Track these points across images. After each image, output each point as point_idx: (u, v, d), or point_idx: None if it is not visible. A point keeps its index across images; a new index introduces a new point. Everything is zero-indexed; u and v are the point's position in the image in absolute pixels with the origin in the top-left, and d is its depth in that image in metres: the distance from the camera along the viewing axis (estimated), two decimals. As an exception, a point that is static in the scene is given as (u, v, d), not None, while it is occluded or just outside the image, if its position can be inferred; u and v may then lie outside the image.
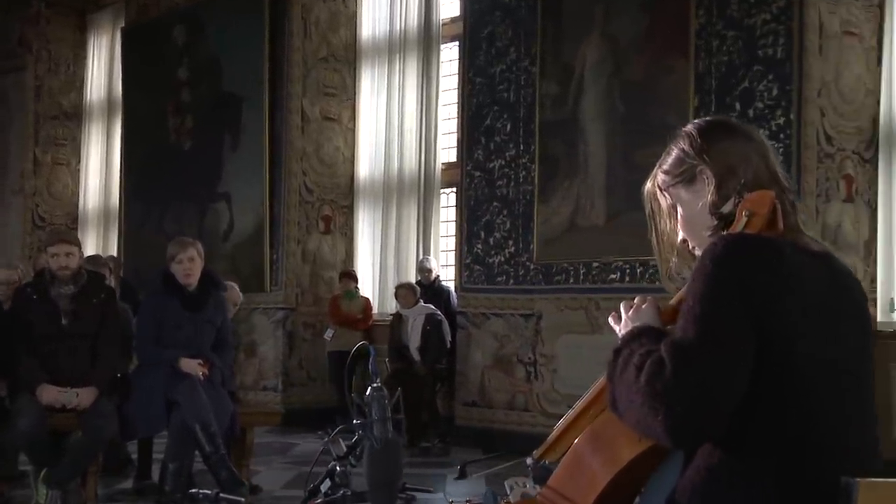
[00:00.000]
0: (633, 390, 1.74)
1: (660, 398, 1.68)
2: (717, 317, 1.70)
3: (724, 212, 1.89)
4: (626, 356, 1.84)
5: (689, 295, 1.76)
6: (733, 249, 1.75)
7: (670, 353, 1.70)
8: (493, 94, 9.21)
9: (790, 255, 1.77)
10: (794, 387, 1.72)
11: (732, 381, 1.69)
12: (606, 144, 8.36)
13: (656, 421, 1.69)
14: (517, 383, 8.96)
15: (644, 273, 8.12)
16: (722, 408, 1.68)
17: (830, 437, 1.73)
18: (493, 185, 9.17)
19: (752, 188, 1.87)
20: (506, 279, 9.07)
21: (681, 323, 1.75)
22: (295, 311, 10.94)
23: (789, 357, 1.72)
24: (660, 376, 1.69)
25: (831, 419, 1.73)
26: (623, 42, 8.29)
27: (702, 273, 1.75)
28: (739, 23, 7.63)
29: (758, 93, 7.51)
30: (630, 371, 1.77)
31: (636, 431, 1.79)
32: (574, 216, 8.56)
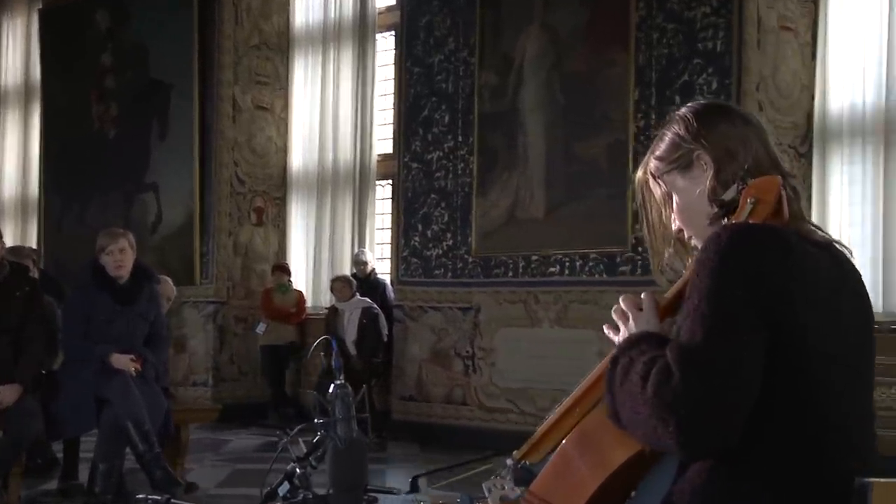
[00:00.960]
0: (639, 401, 1.62)
1: (669, 408, 1.57)
2: (725, 315, 1.59)
3: (726, 199, 1.77)
4: (625, 364, 1.72)
5: (693, 292, 1.64)
6: (739, 240, 1.64)
7: (677, 359, 1.58)
8: (431, 84, 9.09)
9: (797, 245, 1.67)
10: (804, 383, 1.63)
11: (747, 384, 1.58)
12: (546, 136, 8.30)
13: (667, 433, 1.57)
14: (455, 377, 8.87)
15: (584, 266, 8.09)
16: (738, 413, 1.58)
17: (838, 435, 1.64)
18: (430, 177, 9.06)
19: (753, 174, 1.77)
20: (444, 272, 8.97)
21: (686, 324, 1.63)
22: (226, 304, 10.71)
23: (798, 353, 1.62)
24: (667, 385, 1.57)
25: (838, 416, 1.65)
26: (563, 34, 8.23)
27: (706, 267, 1.63)
28: (679, 16, 7.62)
29: (697, 86, 7.51)
30: (633, 381, 1.65)
31: (645, 443, 1.69)
32: (513, 209, 8.49)
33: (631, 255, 7.80)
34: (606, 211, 7.90)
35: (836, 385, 1.65)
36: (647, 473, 1.78)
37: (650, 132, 7.72)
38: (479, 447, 8.33)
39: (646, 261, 7.73)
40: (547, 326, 8.30)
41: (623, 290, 7.27)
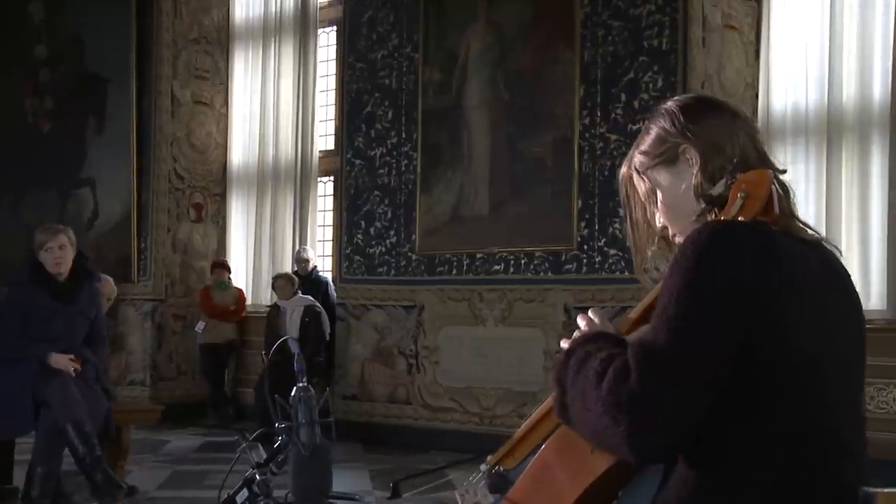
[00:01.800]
0: (592, 398, 1.55)
1: (623, 408, 1.50)
2: (695, 319, 1.52)
3: (714, 194, 1.70)
4: (580, 358, 1.64)
5: (664, 291, 1.56)
6: (719, 239, 1.56)
7: (637, 358, 1.51)
8: (373, 80, 9.00)
9: (784, 244, 1.60)
10: (793, 389, 1.56)
11: (705, 392, 1.51)
12: (491, 133, 8.26)
13: (617, 432, 1.51)
14: (398, 376, 8.80)
15: (528, 264, 8.07)
16: (689, 422, 1.52)
17: (830, 441, 1.58)
18: (373, 174, 8.97)
19: (741, 169, 1.70)
20: (387, 270, 8.89)
21: (653, 322, 1.56)
22: (164, 302, 10.51)
23: (784, 357, 1.55)
24: (624, 384, 1.50)
25: (830, 421, 1.59)
26: (508, 30, 8.20)
27: (681, 266, 1.55)
28: (625, 13, 7.63)
29: (643, 84, 7.52)
30: (588, 375, 1.58)
31: (591, 441, 1.62)
32: (457, 206, 8.44)
33: (576, 253, 7.79)
34: (552, 209, 7.88)
35: (828, 389, 1.59)
36: (630, 482, 1.71)
37: (595, 130, 7.73)
38: (423, 447, 8.29)
39: (591, 259, 7.74)
40: (491, 325, 8.26)
41: (568, 289, 7.30)
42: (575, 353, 1.67)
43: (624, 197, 1.90)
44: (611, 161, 7.64)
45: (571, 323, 7.80)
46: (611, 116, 7.66)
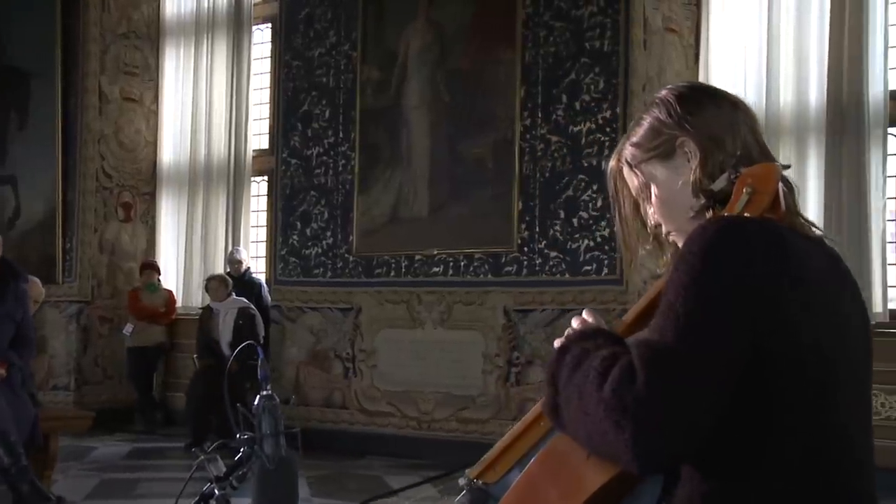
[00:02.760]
0: (593, 400, 1.43)
1: (628, 412, 1.38)
2: (704, 318, 1.41)
3: (716, 189, 1.59)
4: (577, 355, 1.52)
5: (670, 288, 1.45)
6: (727, 235, 1.46)
7: (644, 359, 1.40)
8: (310, 78, 8.84)
9: (793, 242, 1.50)
10: (805, 395, 1.46)
11: (716, 397, 1.40)
12: (431, 134, 8.16)
13: (620, 439, 1.39)
14: (334, 380, 8.64)
15: (468, 266, 7.98)
16: (701, 428, 1.40)
17: (843, 451, 1.49)
18: (310, 174, 8.80)
19: (745, 163, 1.59)
20: (323, 271, 8.72)
21: (658, 322, 1.44)
22: (90, 304, 10.20)
23: (797, 361, 1.45)
24: (630, 386, 1.38)
25: (845, 430, 1.50)
26: (449, 29, 8.10)
27: (686, 262, 1.45)
28: (567, 14, 7.58)
29: (584, 85, 7.48)
30: (588, 375, 1.46)
31: (586, 447, 1.49)
32: (396, 207, 8.32)
33: (517, 255, 7.72)
34: (492, 210, 7.81)
35: (840, 394, 1.50)
36: (626, 498, 1.57)
37: (536, 131, 7.67)
38: (360, 452, 8.15)
39: (531, 261, 7.67)
40: (430, 328, 8.15)
41: (508, 291, 7.21)
42: (570, 350, 1.54)
43: (613, 191, 1.78)
44: (552, 163, 7.59)
45: (511, 325, 7.73)
46: (552, 118, 7.60)
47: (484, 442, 7.86)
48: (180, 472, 8.07)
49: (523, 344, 7.67)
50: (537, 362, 7.60)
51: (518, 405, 7.69)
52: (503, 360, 7.77)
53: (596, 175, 7.39)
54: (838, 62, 7.10)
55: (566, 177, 7.52)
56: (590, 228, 7.41)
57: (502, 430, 7.21)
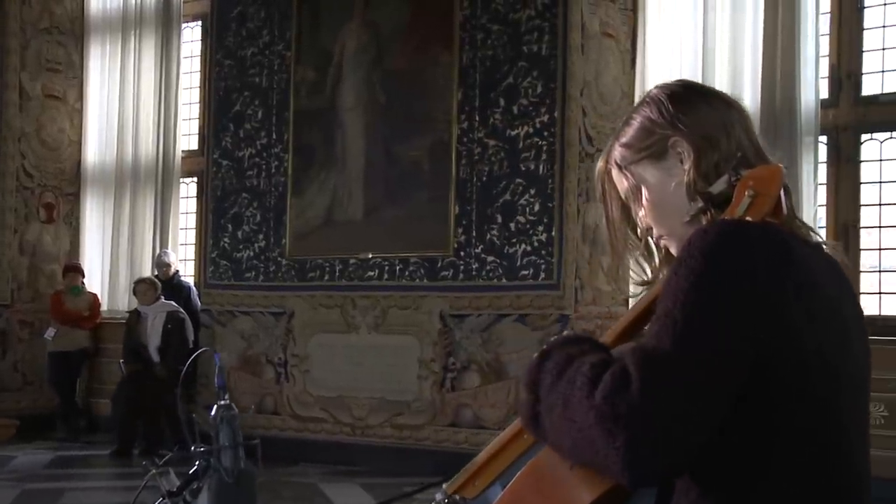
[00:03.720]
0: (581, 407, 1.34)
1: (621, 421, 1.30)
2: (704, 324, 1.34)
3: (714, 192, 1.53)
4: (559, 361, 1.43)
5: (667, 293, 1.38)
6: (730, 239, 1.39)
7: (639, 366, 1.32)
8: (243, 78, 8.67)
9: (796, 247, 1.45)
10: (809, 407, 1.40)
11: (715, 409, 1.33)
12: (366, 135, 8.06)
13: (611, 450, 1.30)
14: (266, 385, 8.48)
15: (403, 270, 7.89)
16: (697, 439, 1.33)
17: (845, 461, 1.44)
18: (242, 176, 8.63)
19: (743, 165, 1.53)
20: (255, 275, 8.56)
21: (654, 328, 1.37)
22: (10, 307, 9.87)
23: (799, 371, 1.39)
24: (623, 393, 1.30)
25: (845, 440, 1.45)
26: (385, 30, 8.01)
27: (686, 266, 1.38)
28: (504, 17, 7.55)
29: (522, 89, 7.45)
30: (574, 382, 1.37)
31: (571, 458, 1.40)
32: (330, 210, 8.19)
33: (453, 259, 7.66)
34: (428, 214, 7.73)
35: (843, 404, 1.45)
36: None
37: (473, 134, 7.62)
38: (292, 459, 8.00)
39: (468, 265, 7.61)
40: (364, 332, 8.04)
41: (444, 296, 7.13)
42: (552, 355, 1.46)
43: (600, 194, 1.71)
44: (489, 166, 7.54)
45: (447, 330, 7.66)
46: (489, 121, 7.56)
47: (419, 448, 7.81)
48: (106, 481, 7.85)
49: (459, 349, 7.61)
50: (473, 367, 7.55)
51: (453, 411, 7.62)
52: (438, 366, 7.70)
53: (534, 179, 7.36)
54: (772, 71, 7.17)
55: (503, 181, 7.48)
56: (527, 233, 7.38)
57: (437, 436, 7.13)
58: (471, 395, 7.57)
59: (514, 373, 7.36)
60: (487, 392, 7.49)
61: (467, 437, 7.53)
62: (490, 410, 7.46)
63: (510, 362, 7.40)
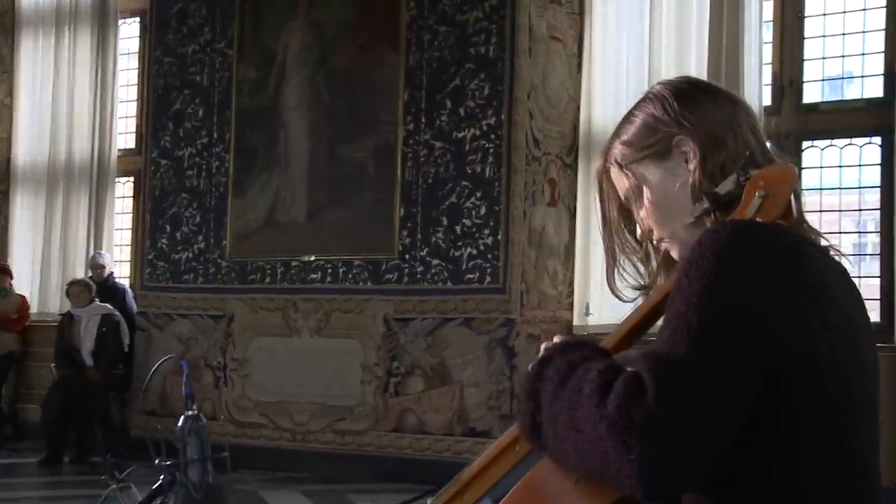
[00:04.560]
0: (591, 417, 1.26)
1: (635, 431, 1.22)
2: (720, 330, 1.28)
3: (722, 192, 1.46)
4: (562, 368, 1.36)
5: (679, 297, 1.32)
6: (743, 241, 1.33)
7: (654, 373, 1.24)
8: (183, 76, 8.49)
9: (809, 250, 1.39)
10: (822, 417, 1.35)
11: (735, 419, 1.27)
12: (310, 136, 7.93)
13: (625, 462, 1.23)
14: (204, 389, 8.29)
15: (347, 273, 7.78)
16: (714, 452, 1.26)
17: (861, 475, 1.38)
18: (181, 175, 8.44)
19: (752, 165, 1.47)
20: (194, 277, 8.38)
21: (667, 333, 1.30)
22: (-65, 309, 9.54)
23: (815, 381, 1.34)
24: (639, 402, 1.23)
25: (858, 452, 1.39)
26: (330, 30, 7.89)
27: (698, 268, 1.31)
28: (452, 19, 7.48)
29: (469, 91, 7.39)
30: (581, 390, 1.30)
31: (575, 470, 1.32)
32: (272, 211, 8.05)
33: (397, 262, 7.57)
34: (372, 216, 7.63)
35: (857, 416, 1.39)
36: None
37: (420, 136, 7.55)
38: (231, 465, 7.83)
39: (412, 268, 7.53)
40: (307, 336, 7.91)
41: (389, 299, 7.03)
42: (553, 361, 1.38)
43: (599, 193, 1.63)
44: (435, 168, 7.47)
45: (391, 334, 7.57)
46: (435, 123, 7.48)
47: (362, 454, 7.70)
48: (34, 491, 7.62)
49: (403, 353, 7.52)
50: (417, 372, 7.47)
51: (397, 416, 7.53)
52: (382, 370, 7.60)
53: (480, 182, 7.31)
54: (716, 77, 7.20)
55: (449, 183, 7.41)
56: (473, 236, 7.32)
57: (380, 441, 7.03)
58: (414, 400, 7.48)
59: (459, 377, 7.30)
60: (432, 397, 7.41)
61: (411, 442, 7.45)
62: (434, 415, 7.39)
63: (455, 366, 7.33)
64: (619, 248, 1.63)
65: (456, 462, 7.26)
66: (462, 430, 7.27)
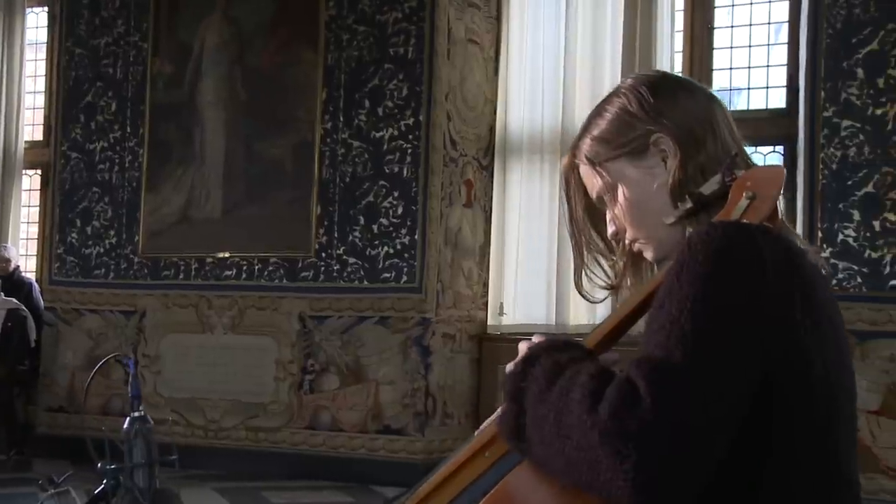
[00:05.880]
0: (582, 423, 1.20)
1: (630, 439, 1.17)
2: (716, 335, 1.23)
3: (706, 192, 1.41)
4: (548, 368, 1.29)
5: (669, 299, 1.26)
6: (738, 242, 1.28)
7: (648, 380, 1.19)
8: (95, 68, 8.35)
9: (798, 252, 1.35)
10: (810, 426, 1.32)
11: (730, 426, 1.24)
12: (226, 133, 7.88)
13: (618, 470, 1.17)
14: (114, 386, 8.15)
15: (262, 270, 7.76)
16: (710, 462, 1.22)
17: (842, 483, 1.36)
18: (93, 169, 8.31)
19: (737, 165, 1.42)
20: (105, 272, 8.25)
21: (658, 338, 1.24)
22: None
23: (805, 389, 1.31)
24: (634, 410, 1.18)
25: (844, 461, 1.37)
26: (248, 27, 7.85)
27: (692, 272, 1.26)
28: (371, 19, 7.52)
29: (388, 91, 7.44)
30: (570, 394, 1.23)
31: (562, 477, 1.25)
32: (187, 207, 7.98)
33: (314, 260, 7.58)
34: (289, 214, 7.63)
35: (840, 419, 1.37)
36: None
37: (337, 135, 7.57)
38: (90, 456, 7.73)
39: (329, 267, 7.55)
40: (220, 332, 7.87)
41: (304, 297, 7.06)
42: (539, 361, 1.31)
43: (564, 191, 1.57)
44: (352, 167, 7.50)
45: (306, 332, 7.58)
46: (354, 122, 7.51)
47: (275, 451, 7.69)
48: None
49: (318, 351, 7.54)
50: (332, 370, 7.49)
51: (311, 414, 7.55)
52: (297, 368, 7.61)
53: (397, 182, 7.36)
54: (630, 83, 7.37)
55: (367, 182, 7.45)
56: (390, 235, 7.37)
57: (293, 438, 7.05)
58: (329, 398, 7.51)
59: (374, 375, 7.35)
60: (346, 394, 7.44)
61: (325, 439, 7.48)
62: (349, 413, 7.42)
63: (370, 365, 7.37)
64: (586, 247, 1.58)
65: (369, 459, 7.35)
66: (376, 427, 7.32)
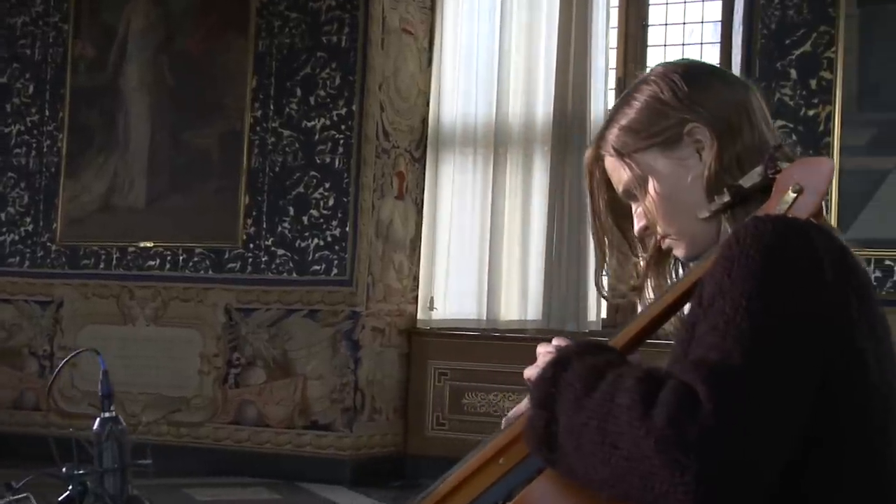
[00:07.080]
0: (634, 431, 1.12)
1: (691, 449, 1.09)
2: (778, 335, 1.16)
3: (746, 185, 1.33)
4: (584, 374, 1.21)
5: (720, 297, 1.19)
6: (792, 238, 1.21)
7: (708, 384, 1.11)
8: (12, 49, 8.03)
9: (851, 252, 1.29)
10: (864, 432, 1.26)
11: (795, 431, 1.17)
12: (152, 119, 7.65)
13: (677, 482, 1.09)
14: (27, 379, 7.91)
15: (187, 261, 7.56)
16: (773, 472, 1.15)
17: None
18: (9, 154, 7.99)
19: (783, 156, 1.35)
20: (20, 261, 7.95)
21: (712, 339, 1.17)
22: None
23: (861, 397, 1.25)
24: (694, 416, 1.10)
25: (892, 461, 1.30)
26: (176, 10, 7.62)
27: (745, 269, 1.19)
28: (304, 6, 7.37)
29: (321, 79, 7.30)
30: (615, 399, 1.15)
31: (604, 489, 1.17)
32: (109, 195, 7.73)
33: (241, 251, 7.40)
34: (216, 204, 7.44)
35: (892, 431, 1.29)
36: None
37: (267, 124, 7.41)
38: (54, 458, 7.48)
39: (256, 258, 7.39)
40: (142, 324, 7.65)
41: (231, 289, 6.89)
42: (571, 365, 1.23)
43: (588, 185, 1.50)
44: (282, 157, 7.35)
45: (233, 325, 7.41)
46: (285, 111, 7.35)
47: (198, 446, 7.50)
48: None
49: (245, 344, 7.37)
50: (259, 364, 7.34)
51: (236, 408, 7.38)
52: (222, 361, 7.43)
53: (329, 172, 7.23)
54: (564, 79, 7.36)
55: (297, 173, 7.31)
56: (320, 227, 7.24)
57: (217, 434, 6.86)
58: (255, 392, 7.35)
59: (302, 370, 7.22)
60: (273, 389, 7.29)
61: (250, 435, 7.32)
62: (275, 408, 7.28)
63: (298, 359, 7.24)
64: (608, 244, 1.52)
65: (296, 455, 7.22)
66: (304, 423, 7.19)
